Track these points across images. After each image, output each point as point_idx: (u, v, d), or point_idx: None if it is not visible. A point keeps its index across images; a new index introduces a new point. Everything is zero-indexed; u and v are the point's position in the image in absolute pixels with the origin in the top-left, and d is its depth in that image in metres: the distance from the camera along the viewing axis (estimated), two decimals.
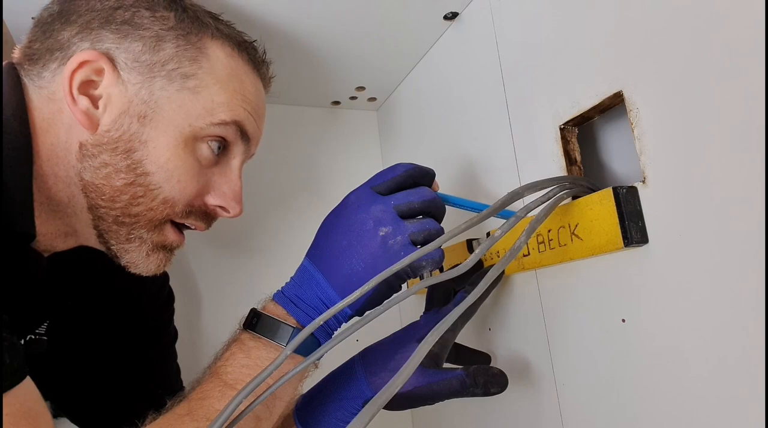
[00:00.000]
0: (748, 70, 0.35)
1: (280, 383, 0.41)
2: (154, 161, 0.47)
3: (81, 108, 0.46)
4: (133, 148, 0.46)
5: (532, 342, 0.55)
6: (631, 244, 0.43)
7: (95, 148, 0.46)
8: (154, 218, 0.48)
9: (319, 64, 0.76)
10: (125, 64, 0.47)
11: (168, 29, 0.48)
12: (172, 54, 0.48)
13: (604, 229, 0.44)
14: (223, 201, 0.51)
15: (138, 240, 0.49)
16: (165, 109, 0.47)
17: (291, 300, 0.47)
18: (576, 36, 0.50)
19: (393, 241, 0.45)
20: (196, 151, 0.49)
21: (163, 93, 0.47)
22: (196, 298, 0.77)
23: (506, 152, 0.60)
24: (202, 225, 0.53)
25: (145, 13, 0.48)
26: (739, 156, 0.36)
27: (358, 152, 0.93)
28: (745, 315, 0.36)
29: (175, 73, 0.47)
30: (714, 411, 0.38)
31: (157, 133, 0.47)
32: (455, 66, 0.70)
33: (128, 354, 0.61)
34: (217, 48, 0.50)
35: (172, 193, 0.48)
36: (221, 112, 0.49)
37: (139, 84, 0.47)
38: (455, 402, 0.70)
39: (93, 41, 0.46)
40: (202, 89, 0.48)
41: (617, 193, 0.43)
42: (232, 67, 0.50)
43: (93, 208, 0.48)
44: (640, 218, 0.43)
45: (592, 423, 0.48)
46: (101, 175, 0.46)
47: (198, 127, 0.48)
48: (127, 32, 0.47)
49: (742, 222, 0.36)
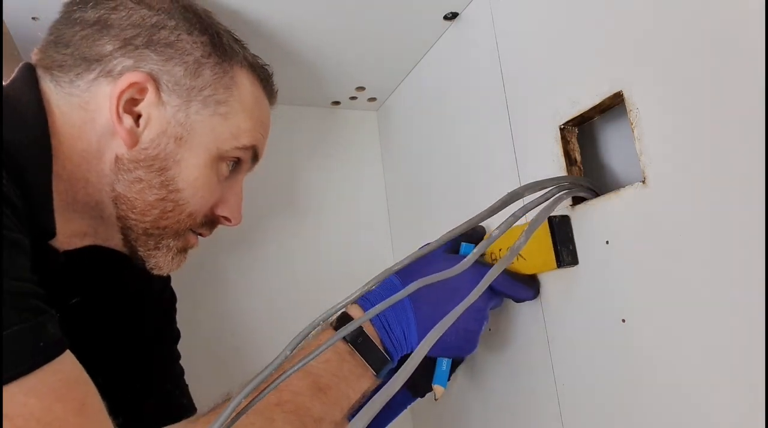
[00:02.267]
0: (748, 70, 0.35)
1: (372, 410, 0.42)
2: (185, 179, 0.50)
3: (126, 126, 0.48)
4: (168, 166, 0.50)
5: (532, 342, 0.55)
6: (563, 266, 0.49)
7: (131, 163, 0.49)
8: (180, 229, 0.53)
9: (319, 64, 0.76)
10: (167, 86, 0.49)
11: (207, 56, 0.51)
12: (210, 81, 0.51)
13: (542, 252, 0.50)
14: (229, 212, 0.56)
15: (165, 248, 0.53)
16: (198, 133, 0.50)
17: (385, 328, 0.51)
18: (576, 36, 0.50)
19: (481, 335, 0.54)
20: (217, 169, 0.53)
21: (198, 117, 0.50)
22: (196, 299, 0.77)
23: (506, 152, 0.59)
24: (208, 232, 0.57)
25: (187, 37, 0.50)
26: (740, 156, 0.36)
27: (358, 152, 0.93)
28: (746, 315, 0.36)
29: (210, 99, 0.51)
30: (714, 412, 0.38)
31: (190, 154, 0.50)
32: (455, 66, 0.70)
33: (134, 352, 0.61)
34: (244, 77, 0.54)
35: (196, 207, 0.52)
36: (244, 137, 0.53)
37: (177, 106, 0.50)
38: (455, 402, 0.70)
39: (137, 59, 0.48)
40: (231, 116, 0.52)
41: (551, 221, 0.49)
42: (255, 95, 0.55)
43: (122, 218, 0.50)
44: (571, 243, 0.49)
45: (592, 423, 0.48)
46: (135, 190, 0.49)
47: (224, 150, 0.52)
48: (170, 56, 0.49)
49: (743, 221, 0.36)
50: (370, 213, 0.91)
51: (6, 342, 0.32)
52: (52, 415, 0.33)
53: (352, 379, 0.50)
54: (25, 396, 0.32)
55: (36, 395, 0.33)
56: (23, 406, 0.32)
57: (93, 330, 0.59)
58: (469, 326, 0.52)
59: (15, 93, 0.47)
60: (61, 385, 0.34)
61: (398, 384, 0.36)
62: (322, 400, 0.47)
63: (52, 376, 0.34)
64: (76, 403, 0.35)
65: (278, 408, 0.45)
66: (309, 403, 0.46)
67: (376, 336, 0.51)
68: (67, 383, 0.35)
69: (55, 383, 0.34)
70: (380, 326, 0.51)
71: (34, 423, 0.32)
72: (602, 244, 0.47)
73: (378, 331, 0.51)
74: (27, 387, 0.32)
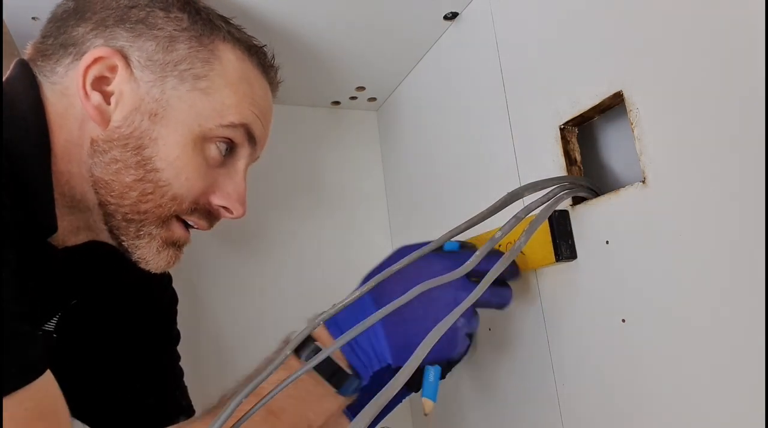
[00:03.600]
0: (748, 70, 0.35)
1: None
2: (164, 158, 0.47)
3: (93, 103, 0.46)
4: (144, 144, 0.47)
5: (532, 342, 0.55)
6: (561, 260, 0.49)
7: (106, 144, 0.47)
8: (162, 214, 0.49)
9: (319, 64, 0.76)
10: (138, 62, 0.47)
11: (181, 30, 0.49)
12: (185, 55, 0.48)
13: (541, 247, 0.50)
14: (227, 201, 0.52)
15: (147, 236, 0.50)
16: (176, 108, 0.48)
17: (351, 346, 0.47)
18: (576, 36, 0.50)
19: (461, 334, 0.49)
20: (205, 151, 0.50)
21: (175, 92, 0.48)
22: (196, 300, 0.77)
23: (506, 152, 0.59)
24: (205, 225, 0.53)
25: (160, 13, 0.49)
26: (740, 155, 0.36)
27: (358, 152, 0.93)
28: (746, 315, 0.36)
29: (187, 73, 0.48)
30: (714, 412, 0.38)
31: (168, 130, 0.48)
32: (455, 66, 0.70)
33: (135, 351, 0.61)
34: (228, 51, 0.51)
35: (180, 190, 0.49)
36: (230, 114, 0.50)
37: (151, 82, 0.47)
38: (455, 401, 0.70)
39: (107, 38, 0.47)
40: (213, 91, 0.49)
41: (550, 216, 0.48)
42: (242, 70, 0.51)
43: (102, 204, 0.48)
44: (570, 237, 0.49)
45: (592, 423, 0.48)
46: (111, 171, 0.47)
47: (207, 128, 0.49)
48: (141, 31, 0.48)
49: (743, 221, 0.36)
50: (370, 213, 0.91)
51: None
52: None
53: (312, 400, 0.47)
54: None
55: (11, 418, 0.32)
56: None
57: (93, 329, 0.59)
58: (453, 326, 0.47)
59: (12, 89, 0.47)
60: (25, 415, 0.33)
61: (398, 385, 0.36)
62: (274, 424, 0.45)
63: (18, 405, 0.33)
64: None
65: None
66: None
67: (337, 353, 0.47)
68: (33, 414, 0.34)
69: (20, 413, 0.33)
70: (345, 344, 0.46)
71: None
72: (602, 244, 0.47)
73: (343, 352, 0.48)
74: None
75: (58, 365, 0.57)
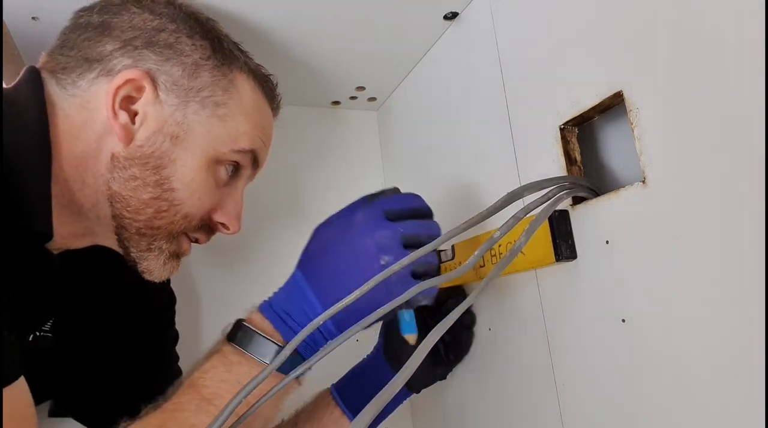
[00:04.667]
0: (748, 70, 0.35)
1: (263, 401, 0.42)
2: (180, 179, 0.50)
3: (120, 122, 0.48)
4: (163, 164, 0.49)
5: (532, 342, 0.55)
6: (561, 260, 0.48)
7: (127, 161, 0.49)
8: (173, 231, 0.52)
9: (319, 64, 0.76)
10: (164, 85, 0.50)
11: (206, 59, 0.51)
12: (208, 83, 0.51)
13: (541, 246, 0.50)
14: (227, 219, 0.55)
15: (157, 250, 0.52)
16: (195, 132, 0.50)
17: (279, 315, 0.49)
18: (576, 36, 0.50)
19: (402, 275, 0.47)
20: (215, 173, 0.53)
21: (196, 117, 0.50)
22: (195, 301, 0.77)
23: (506, 152, 0.60)
24: (205, 239, 0.57)
25: (186, 40, 0.51)
26: (740, 155, 0.36)
27: (358, 152, 0.93)
28: (746, 315, 0.36)
29: (208, 100, 0.51)
30: (714, 412, 0.38)
31: (186, 153, 0.50)
32: (455, 66, 0.70)
33: (132, 353, 0.62)
34: (244, 81, 0.54)
35: (192, 209, 0.51)
36: (243, 140, 0.53)
37: (174, 106, 0.50)
38: (455, 400, 0.70)
39: (135, 59, 0.49)
40: (230, 118, 0.52)
41: (551, 217, 0.48)
42: (255, 100, 0.55)
43: (117, 217, 0.50)
44: (570, 237, 0.49)
45: (592, 423, 0.48)
46: (129, 187, 0.49)
47: (221, 152, 0.52)
48: (169, 56, 0.50)
49: (743, 221, 0.36)
50: None
51: None
52: None
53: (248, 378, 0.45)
54: None
55: None
56: None
57: (92, 330, 0.59)
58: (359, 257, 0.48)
59: (18, 95, 0.47)
60: None
61: (400, 384, 0.36)
62: (209, 412, 0.44)
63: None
64: None
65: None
66: (194, 419, 0.43)
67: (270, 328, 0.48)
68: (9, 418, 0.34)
69: None
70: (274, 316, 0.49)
71: None
72: (602, 244, 0.47)
73: (272, 322, 0.49)
74: None
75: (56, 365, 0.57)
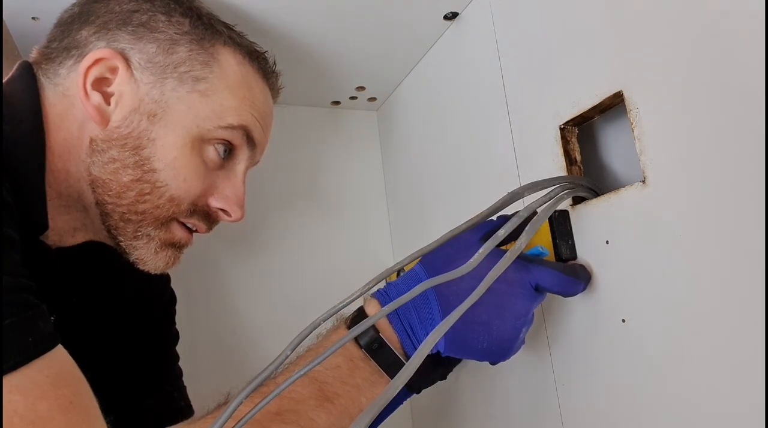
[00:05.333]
0: (748, 70, 0.35)
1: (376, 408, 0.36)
2: (162, 159, 0.48)
3: (93, 103, 0.47)
4: (142, 144, 0.48)
5: (532, 343, 0.55)
6: (562, 260, 0.48)
7: (104, 144, 0.47)
8: (160, 216, 0.50)
9: (319, 64, 0.76)
10: (139, 63, 0.48)
11: (182, 34, 0.50)
12: (185, 57, 0.49)
13: None
14: (225, 204, 0.53)
15: (145, 237, 0.50)
16: (174, 109, 0.48)
17: (405, 329, 0.46)
18: (576, 36, 0.50)
19: (522, 336, 0.46)
20: (203, 153, 0.50)
21: (174, 94, 0.49)
22: (195, 300, 0.77)
23: (506, 152, 0.60)
24: (203, 227, 0.54)
25: (162, 17, 0.50)
26: (740, 155, 0.36)
27: (358, 152, 0.93)
28: (746, 315, 0.36)
29: (187, 75, 0.49)
30: (714, 411, 0.38)
31: (166, 131, 0.48)
32: (455, 66, 0.70)
33: (133, 351, 0.61)
34: (228, 55, 0.52)
35: (178, 192, 0.49)
36: (229, 116, 0.50)
37: (150, 84, 0.48)
38: (454, 400, 0.70)
39: (109, 41, 0.48)
40: (212, 93, 0.50)
41: (550, 216, 0.48)
42: (242, 74, 0.52)
43: (100, 203, 0.49)
44: (570, 237, 0.49)
45: (592, 423, 0.48)
46: (109, 170, 0.48)
47: (206, 129, 0.49)
48: (142, 34, 0.49)
49: (743, 221, 0.36)
50: (370, 213, 0.91)
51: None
52: (35, 413, 0.32)
53: (366, 386, 0.46)
54: (9, 393, 0.31)
55: (20, 392, 0.32)
56: (7, 403, 0.31)
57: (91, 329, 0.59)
58: (505, 332, 0.45)
59: (12, 89, 0.48)
60: (48, 382, 0.34)
61: (400, 384, 0.36)
62: (329, 410, 0.44)
63: (38, 373, 0.34)
64: (62, 401, 0.34)
65: (278, 418, 0.42)
66: (312, 413, 0.43)
67: (396, 340, 0.46)
68: (55, 380, 0.34)
69: (42, 380, 0.34)
70: (401, 329, 0.46)
71: (18, 420, 0.31)
72: (602, 244, 0.47)
73: (399, 335, 0.46)
74: (11, 384, 0.32)
75: None
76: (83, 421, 0.35)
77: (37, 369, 0.34)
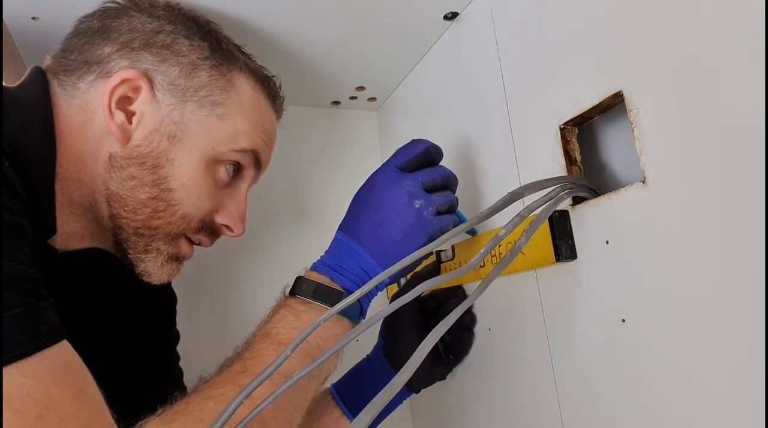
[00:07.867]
0: (748, 70, 0.35)
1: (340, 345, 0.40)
2: (178, 178, 0.50)
3: (117, 122, 0.49)
4: (160, 164, 0.50)
5: (532, 342, 0.55)
6: (561, 260, 0.48)
7: (124, 161, 0.49)
8: (171, 232, 0.52)
9: (319, 64, 0.76)
10: (161, 85, 0.50)
11: (203, 59, 0.52)
12: (205, 82, 0.51)
13: (541, 247, 0.50)
14: (229, 220, 0.55)
15: (155, 251, 0.52)
16: (193, 132, 0.51)
17: (334, 269, 0.51)
18: (576, 36, 0.50)
19: (426, 212, 0.52)
20: (215, 173, 0.53)
21: (193, 116, 0.51)
22: (195, 300, 0.77)
23: (506, 152, 0.60)
24: (207, 241, 0.57)
25: (184, 41, 0.51)
26: (740, 155, 0.36)
27: (358, 152, 0.93)
28: (746, 315, 0.36)
29: (206, 100, 0.51)
30: (714, 411, 0.38)
31: (184, 152, 0.50)
32: (455, 66, 0.70)
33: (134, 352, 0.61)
34: (243, 81, 0.54)
35: (191, 210, 0.52)
36: (242, 140, 0.53)
37: (171, 105, 0.50)
38: (454, 400, 0.70)
39: (132, 60, 0.50)
40: (228, 117, 0.52)
41: (551, 217, 0.48)
42: (255, 99, 0.55)
43: (114, 217, 0.50)
44: (570, 237, 0.49)
45: (592, 422, 0.48)
46: (127, 187, 0.49)
47: (220, 151, 0.52)
48: (166, 56, 0.50)
49: (743, 221, 0.36)
50: None
51: (7, 324, 0.32)
52: (50, 398, 0.33)
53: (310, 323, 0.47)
54: (23, 377, 0.32)
55: (34, 377, 0.33)
56: (21, 387, 0.32)
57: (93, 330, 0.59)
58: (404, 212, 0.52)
59: (24, 93, 0.48)
60: (59, 370, 0.35)
61: (401, 383, 0.36)
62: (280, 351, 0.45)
63: (50, 361, 0.34)
64: (74, 388, 0.35)
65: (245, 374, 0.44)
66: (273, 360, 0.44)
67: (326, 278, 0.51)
68: (66, 368, 0.35)
69: (54, 367, 0.35)
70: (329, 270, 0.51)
71: (32, 404, 0.32)
72: (602, 244, 0.47)
73: (327, 274, 0.51)
74: (26, 369, 0.33)
75: None
76: (93, 409, 0.36)
77: (48, 357, 0.34)
